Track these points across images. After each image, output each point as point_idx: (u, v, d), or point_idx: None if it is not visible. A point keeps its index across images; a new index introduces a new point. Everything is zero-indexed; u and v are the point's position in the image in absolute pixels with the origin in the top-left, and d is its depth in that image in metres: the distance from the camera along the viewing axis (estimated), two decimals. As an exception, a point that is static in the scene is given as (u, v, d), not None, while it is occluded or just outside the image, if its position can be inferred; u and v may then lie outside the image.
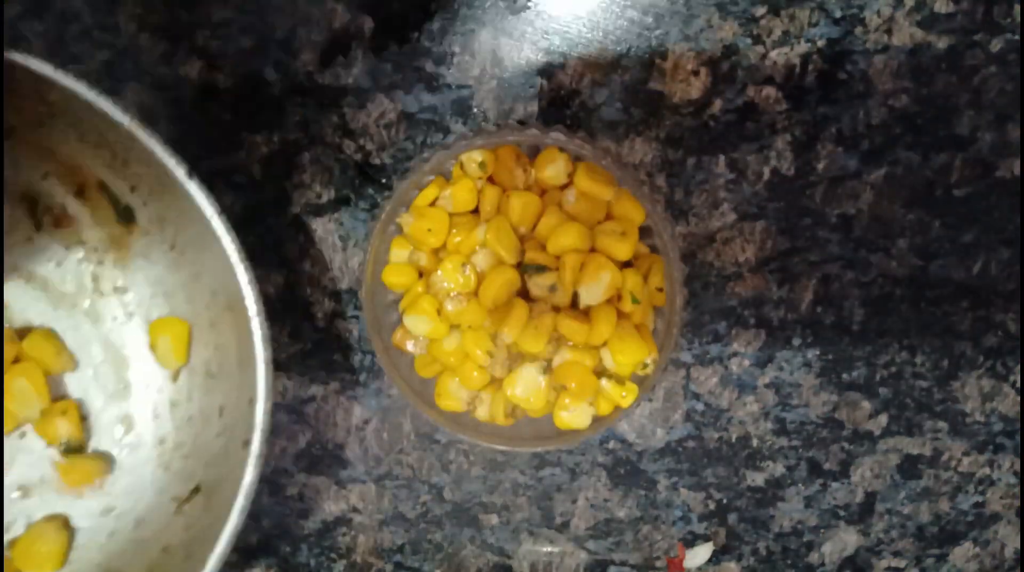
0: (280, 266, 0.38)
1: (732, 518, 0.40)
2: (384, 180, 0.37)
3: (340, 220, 0.38)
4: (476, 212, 0.33)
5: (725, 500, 0.39)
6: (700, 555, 0.40)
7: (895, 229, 0.37)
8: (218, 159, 0.37)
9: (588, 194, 0.33)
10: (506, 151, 0.33)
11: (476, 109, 0.37)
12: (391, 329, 0.34)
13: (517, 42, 0.36)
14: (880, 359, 0.38)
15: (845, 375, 0.38)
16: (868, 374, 0.38)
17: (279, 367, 0.39)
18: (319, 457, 0.40)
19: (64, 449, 0.35)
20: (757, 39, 0.36)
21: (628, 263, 0.33)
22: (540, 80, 0.36)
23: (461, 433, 0.34)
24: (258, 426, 0.29)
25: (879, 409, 0.39)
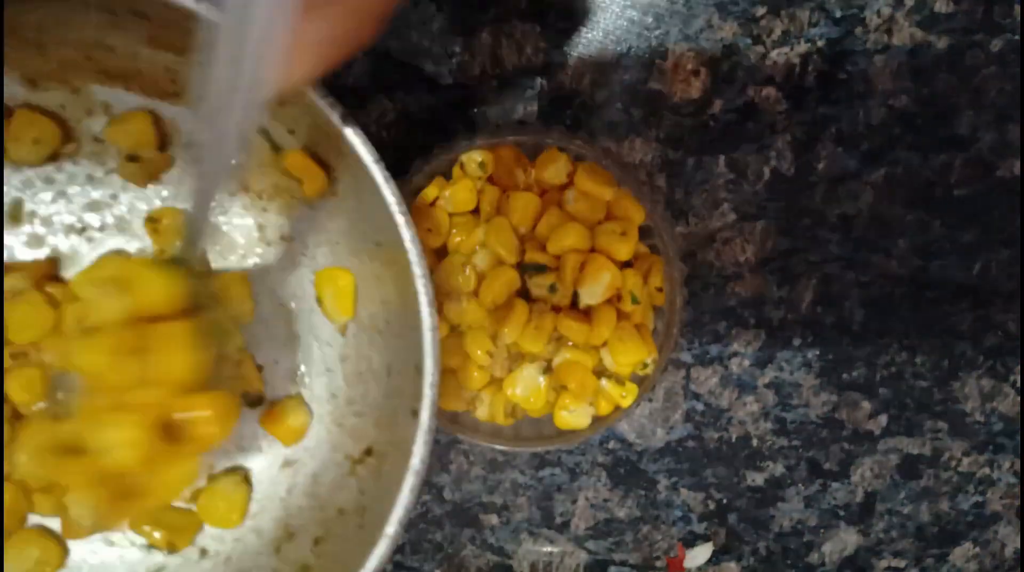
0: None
1: (732, 518, 0.40)
2: (384, 180, 0.37)
3: (340, 220, 0.38)
4: (476, 212, 0.33)
5: (725, 500, 0.39)
6: (700, 555, 0.40)
7: (895, 229, 0.37)
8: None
9: (588, 194, 0.33)
10: (506, 151, 0.33)
11: (476, 109, 0.37)
12: (391, 329, 0.34)
13: (517, 42, 0.36)
14: (880, 359, 0.38)
15: (845, 375, 0.38)
16: (868, 374, 0.38)
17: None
18: (319, 457, 0.40)
19: (247, 402, 0.35)
20: (757, 39, 0.36)
21: (628, 263, 0.33)
22: (540, 80, 0.36)
23: (461, 433, 0.34)
24: (427, 396, 0.27)
25: (879, 409, 0.39)
